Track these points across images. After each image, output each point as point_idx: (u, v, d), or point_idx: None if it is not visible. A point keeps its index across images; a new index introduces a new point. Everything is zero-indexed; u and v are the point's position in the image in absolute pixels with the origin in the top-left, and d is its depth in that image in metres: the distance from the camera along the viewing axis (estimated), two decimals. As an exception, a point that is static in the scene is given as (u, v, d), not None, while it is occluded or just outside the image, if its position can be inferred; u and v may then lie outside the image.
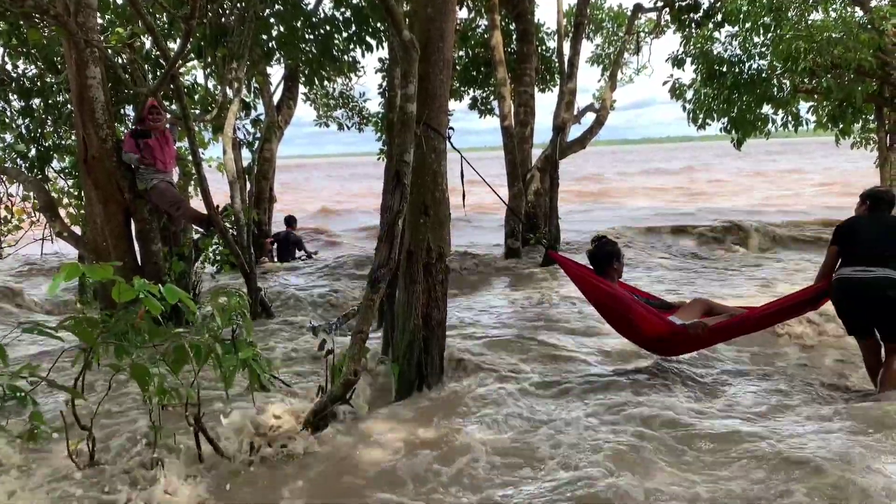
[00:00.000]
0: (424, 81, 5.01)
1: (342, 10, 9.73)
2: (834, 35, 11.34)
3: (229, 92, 8.40)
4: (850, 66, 11.34)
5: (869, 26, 11.50)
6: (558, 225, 12.41)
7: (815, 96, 12.72)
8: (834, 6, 12.15)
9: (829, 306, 5.44)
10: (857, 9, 12.20)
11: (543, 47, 14.77)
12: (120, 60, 7.83)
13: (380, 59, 14.55)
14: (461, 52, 14.65)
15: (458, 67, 14.64)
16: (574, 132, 13.31)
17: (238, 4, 8.63)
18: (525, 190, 12.12)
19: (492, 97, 14.64)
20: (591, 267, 5.80)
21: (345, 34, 9.74)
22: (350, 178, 59.67)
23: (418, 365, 5.14)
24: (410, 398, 4.94)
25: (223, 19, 8.83)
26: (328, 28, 9.66)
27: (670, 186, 37.46)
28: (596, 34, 16.87)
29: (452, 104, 15.71)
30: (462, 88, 15.08)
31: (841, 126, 12.76)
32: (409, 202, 4.97)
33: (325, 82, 12.73)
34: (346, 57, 10.00)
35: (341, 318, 7.25)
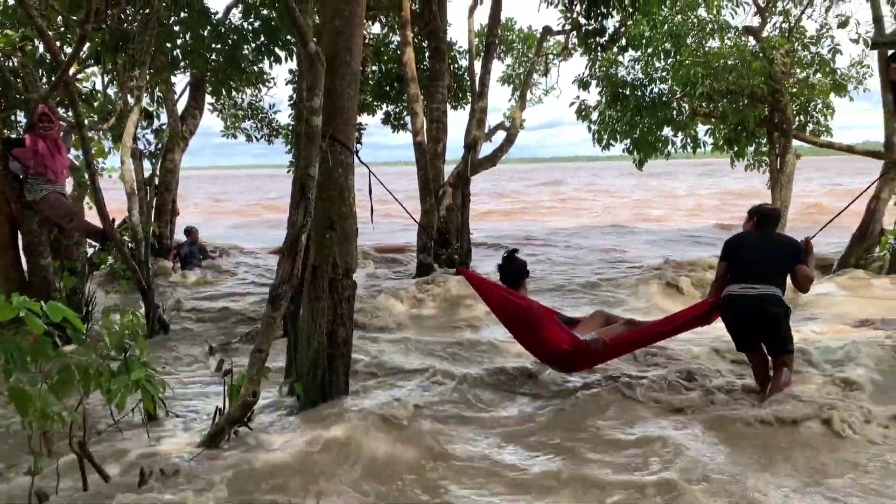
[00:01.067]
0: (332, 94, 4.94)
1: (251, 20, 9.53)
2: (729, 62, 11.93)
3: (130, 99, 8.08)
4: (744, 91, 11.95)
5: (761, 55, 12.17)
6: (470, 240, 12.52)
7: (712, 120, 13.32)
8: (729, 35, 12.78)
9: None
10: (751, 38, 12.90)
11: (456, 65, 14.93)
12: (10, 64, 7.41)
13: (290, 71, 14.36)
14: (374, 67, 14.63)
15: (371, 82, 14.60)
16: (486, 149, 13.47)
17: (141, 10, 8.33)
18: (437, 206, 12.16)
19: (405, 113, 14.67)
20: (502, 281, 5.85)
21: (253, 45, 9.53)
22: (255, 190, 58.27)
23: (322, 384, 5.03)
24: (312, 416, 4.81)
25: (125, 25, 8.50)
26: (235, 38, 9.44)
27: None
28: (507, 55, 17.20)
29: (366, 119, 15.67)
30: (375, 103, 15.04)
31: (736, 149, 13.41)
32: (315, 217, 4.88)
33: (234, 93, 12.44)
34: (254, 68, 9.79)
35: (243, 336, 7.05)
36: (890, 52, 10.85)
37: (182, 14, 8.98)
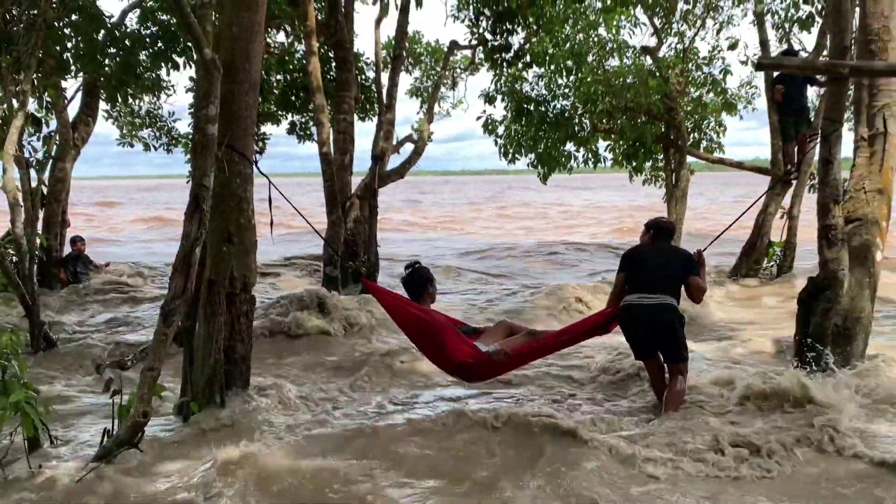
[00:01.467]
0: (229, 102, 4.81)
1: (148, 24, 9.20)
2: (628, 80, 12.38)
3: (15, 104, 7.62)
4: (642, 109, 12.42)
5: (657, 74, 12.69)
6: (377, 253, 12.44)
7: (612, 136, 13.78)
8: (628, 54, 13.27)
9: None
10: (648, 58, 13.43)
11: (363, 76, 14.86)
12: None
13: (191, 78, 13.95)
14: (279, 76, 14.38)
15: (276, 91, 14.34)
16: (394, 161, 13.45)
17: (27, 11, 7.89)
18: (344, 218, 12.03)
19: (311, 123, 14.46)
20: (406, 294, 5.81)
21: (150, 50, 9.20)
22: (151, 203, 55.92)
23: (221, 402, 4.86)
24: (208, 435, 4.63)
25: (9, 26, 8.03)
26: (131, 43, 9.08)
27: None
28: (415, 67, 17.25)
29: (270, 128, 15.36)
30: (280, 113, 14.77)
31: (634, 164, 13.91)
32: (211, 229, 4.73)
33: (130, 99, 11.94)
34: (150, 74, 9.44)
35: (137, 353, 6.73)
36: (775, 73, 11.58)
37: (73, 16, 8.58)
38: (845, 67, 5.64)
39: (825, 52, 10.54)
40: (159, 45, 9.15)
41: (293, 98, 14.37)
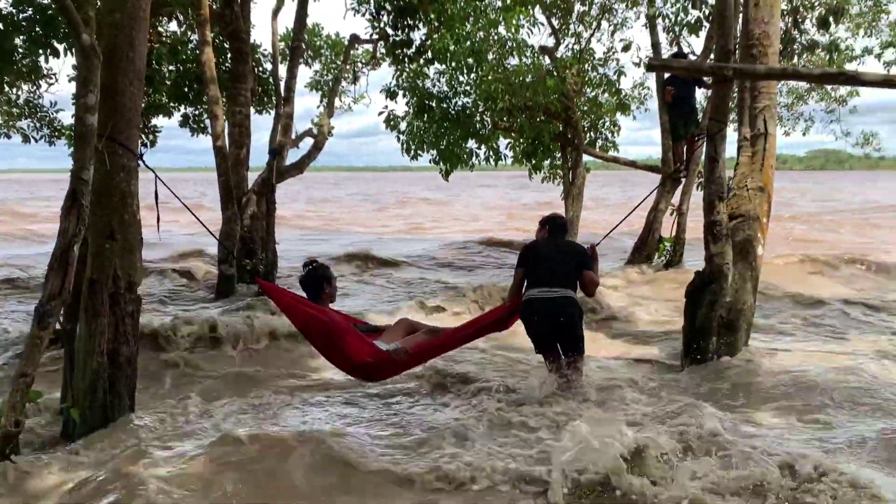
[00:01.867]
0: (111, 92, 4.54)
1: (23, 7, 8.59)
2: (527, 80, 12.57)
3: None
4: (540, 108, 12.64)
5: (555, 73, 12.94)
6: (275, 250, 12.13)
7: (512, 134, 13.96)
8: (527, 53, 13.46)
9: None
10: (546, 57, 13.68)
11: (260, 68, 14.45)
12: None
13: (74, 66, 13.14)
14: (171, 67, 13.78)
15: (168, 82, 13.75)
16: (293, 156, 13.15)
17: None
18: (241, 214, 11.66)
19: (205, 115, 13.95)
20: (304, 293, 5.67)
21: (26, 35, 8.60)
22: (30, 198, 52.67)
23: (103, 407, 4.59)
24: (90, 443, 4.36)
25: None
26: (5, 27, 8.46)
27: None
28: (314, 60, 16.93)
29: (162, 121, 14.72)
30: (172, 104, 14.16)
31: (534, 162, 14.14)
32: (92, 225, 4.46)
33: (5, 87, 11.14)
34: (27, 61, 8.83)
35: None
36: (666, 75, 12.04)
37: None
38: (729, 70, 5.90)
39: (712, 56, 11.07)
40: (37, 29, 8.56)
41: (186, 89, 13.81)
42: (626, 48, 13.58)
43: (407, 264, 15.01)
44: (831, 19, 10.23)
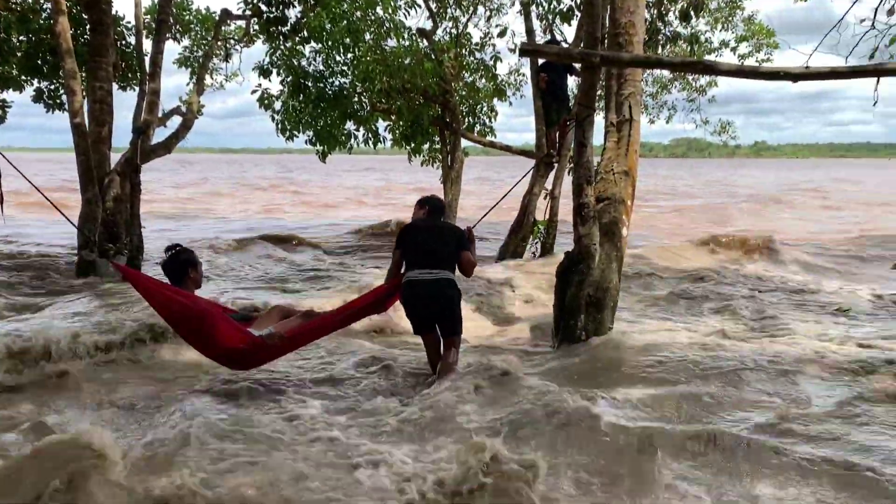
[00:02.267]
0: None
1: None
2: (405, 61, 12.52)
3: None
4: (418, 90, 12.64)
5: (432, 56, 12.97)
6: (141, 235, 11.53)
7: (392, 116, 13.90)
8: (405, 35, 13.41)
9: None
10: (424, 40, 13.68)
11: (123, 42, 13.63)
12: None
13: None
14: (22, 37, 12.75)
15: (18, 54, 12.73)
16: (160, 135, 12.49)
17: None
18: (102, 196, 10.97)
19: (61, 91, 13.02)
20: (168, 280, 5.42)
21: None
22: None
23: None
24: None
25: None
26: None
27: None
28: (183, 35, 16.12)
29: (11, 95, 13.61)
30: (23, 78, 13.13)
31: (413, 145, 14.15)
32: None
33: None
34: None
35: None
36: (540, 62, 12.33)
37: None
38: (596, 57, 6.10)
39: (582, 43, 11.43)
40: None
41: (39, 62, 12.85)
42: (501, 34, 13.80)
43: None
44: (692, 13, 10.78)
